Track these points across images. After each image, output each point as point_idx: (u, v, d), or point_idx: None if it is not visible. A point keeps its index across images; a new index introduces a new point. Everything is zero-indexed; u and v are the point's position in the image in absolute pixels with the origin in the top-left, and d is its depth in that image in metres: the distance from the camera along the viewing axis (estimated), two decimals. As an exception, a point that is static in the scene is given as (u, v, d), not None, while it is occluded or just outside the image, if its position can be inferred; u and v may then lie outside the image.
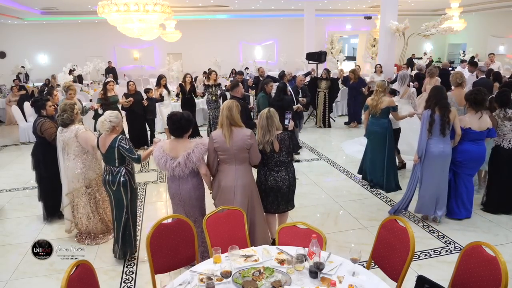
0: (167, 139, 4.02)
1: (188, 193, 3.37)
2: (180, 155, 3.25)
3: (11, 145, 9.06)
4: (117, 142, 3.57)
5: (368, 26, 19.68)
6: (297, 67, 16.08)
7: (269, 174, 3.58)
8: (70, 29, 17.62)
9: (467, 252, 2.40)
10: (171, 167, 3.27)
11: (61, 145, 4.19)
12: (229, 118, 3.29)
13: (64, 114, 4.09)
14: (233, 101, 3.43)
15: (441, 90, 4.22)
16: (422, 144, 4.22)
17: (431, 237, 4.16)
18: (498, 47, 17.92)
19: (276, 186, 3.58)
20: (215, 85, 8.30)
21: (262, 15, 18.18)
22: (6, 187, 6.12)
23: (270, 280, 2.22)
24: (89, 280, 2.30)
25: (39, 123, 4.51)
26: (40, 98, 4.91)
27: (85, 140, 4.04)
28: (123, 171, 3.68)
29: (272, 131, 3.43)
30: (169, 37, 15.29)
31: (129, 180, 3.71)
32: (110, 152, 3.61)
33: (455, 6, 13.62)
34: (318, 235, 2.58)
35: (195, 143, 3.29)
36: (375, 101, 5.27)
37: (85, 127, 4.17)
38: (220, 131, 3.35)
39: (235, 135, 3.29)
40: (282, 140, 3.48)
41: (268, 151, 3.48)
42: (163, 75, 8.17)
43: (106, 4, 7.50)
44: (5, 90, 12.92)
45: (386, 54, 10.03)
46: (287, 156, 3.57)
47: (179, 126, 3.29)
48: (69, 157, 4.14)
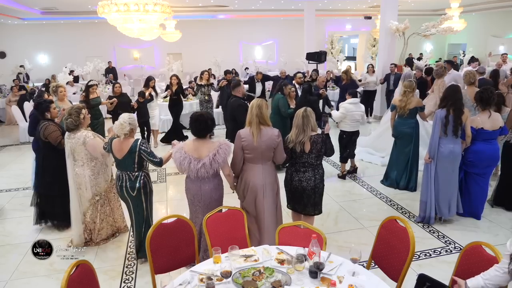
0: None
1: (210, 194, 3.33)
2: (204, 156, 3.19)
3: (11, 145, 9.06)
4: (137, 146, 3.44)
5: (368, 26, 19.68)
6: (297, 67, 16.07)
7: (295, 174, 3.54)
8: (70, 29, 17.61)
9: (467, 252, 2.40)
10: (195, 168, 3.19)
11: (69, 151, 4.01)
12: (259, 116, 3.27)
13: (68, 118, 3.90)
14: (262, 100, 3.42)
15: (456, 90, 4.18)
16: (434, 144, 4.17)
17: (431, 237, 4.16)
18: (498, 47, 17.92)
19: (301, 187, 3.52)
20: (207, 84, 8.30)
21: (262, 15, 18.18)
22: (6, 187, 6.12)
23: (270, 280, 2.22)
24: (89, 280, 2.30)
25: (43, 126, 4.30)
26: (43, 101, 4.68)
27: (94, 148, 3.90)
28: (142, 175, 3.57)
29: (307, 131, 3.38)
30: (169, 37, 15.28)
31: (148, 183, 3.63)
32: (128, 157, 3.47)
33: (455, 6, 13.61)
34: (318, 235, 2.58)
35: (218, 143, 3.24)
36: (403, 102, 5.23)
37: (93, 134, 4.00)
38: (248, 129, 3.32)
39: (263, 134, 3.29)
40: (315, 143, 3.42)
41: (298, 151, 3.43)
42: (153, 77, 8.05)
43: (106, 4, 7.50)
44: (5, 90, 12.92)
45: (386, 54, 10.03)
46: (316, 159, 3.49)
47: (205, 127, 3.23)
48: (77, 164, 4.00)
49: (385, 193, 5.40)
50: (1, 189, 6.04)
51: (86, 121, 4.04)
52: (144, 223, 3.69)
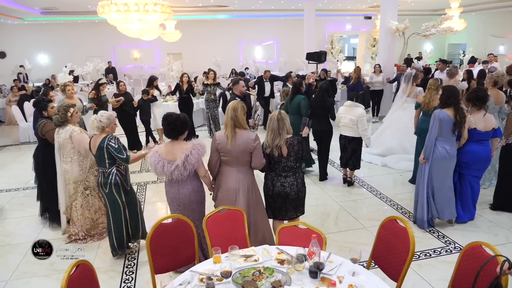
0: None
1: (188, 197, 3.29)
2: (177, 158, 3.15)
3: (11, 145, 9.06)
4: (105, 141, 3.52)
5: (368, 26, 19.67)
6: (297, 67, 16.08)
7: (276, 179, 3.46)
8: (70, 29, 17.61)
9: (467, 252, 2.39)
10: (169, 171, 3.16)
11: (57, 146, 4.14)
12: (233, 119, 3.20)
13: (55, 115, 4.08)
14: (239, 102, 3.34)
15: (457, 90, 4.19)
16: (431, 144, 4.11)
17: (431, 237, 4.16)
18: (498, 47, 17.92)
19: (284, 192, 3.45)
20: (213, 84, 8.35)
21: (262, 15, 18.17)
22: (6, 187, 6.12)
23: (270, 280, 2.22)
24: (89, 280, 2.30)
25: (40, 124, 4.45)
26: (42, 99, 4.88)
27: (79, 142, 3.99)
28: (114, 172, 3.64)
29: (283, 134, 3.31)
30: (169, 37, 15.29)
31: (121, 181, 3.68)
32: (100, 153, 3.59)
33: (455, 6, 13.61)
34: (318, 235, 2.58)
35: (192, 145, 3.19)
36: (427, 98, 5.26)
37: (80, 129, 4.10)
38: (223, 132, 3.28)
39: (238, 138, 3.21)
40: (291, 145, 3.36)
41: (276, 155, 3.36)
42: (156, 76, 8.11)
43: (106, 4, 7.51)
44: (5, 90, 12.92)
45: (386, 54, 10.03)
46: (295, 162, 3.43)
47: (174, 128, 3.19)
48: (65, 160, 4.09)
49: (385, 193, 5.40)
50: (1, 189, 6.04)
51: (74, 118, 4.13)
52: (122, 221, 3.76)
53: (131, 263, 3.83)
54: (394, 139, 6.87)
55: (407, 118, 6.59)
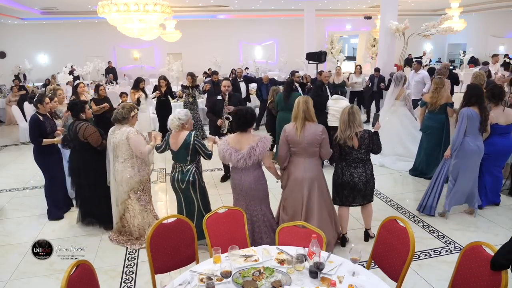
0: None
1: (249, 185, 3.47)
2: (244, 148, 3.38)
3: (11, 145, 9.06)
4: (192, 138, 3.63)
5: (368, 26, 19.69)
6: (297, 67, 16.08)
7: (346, 169, 3.71)
8: (70, 29, 17.62)
9: (467, 252, 2.39)
10: (235, 159, 3.39)
11: (112, 147, 4.03)
12: (305, 111, 3.44)
13: (120, 110, 3.99)
14: (308, 97, 3.57)
15: (481, 89, 4.40)
16: (459, 141, 4.30)
17: (431, 237, 4.16)
18: (498, 47, 17.92)
19: (352, 182, 3.70)
20: (192, 86, 8.20)
21: (262, 15, 18.18)
22: (6, 187, 6.12)
23: (270, 280, 2.22)
24: (89, 280, 2.30)
25: (82, 127, 4.23)
26: (78, 101, 4.67)
27: (135, 144, 3.91)
28: (193, 169, 3.72)
29: (353, 127, 3.54)
30: (169, 37, 15.29)
31: (198, 180, 3.76)
32: (182, 150, 3.65)
33: (455, 6, 13.63)
34: (318, 235, 2.58)
35: (258, 137, 3.41)
36: (434, 98, 5.43)
37: (136, 130, 4.01)
38: (293, 124, 3.50)
39: (307, 129, 3.46)
40: (362, 138, 3.59)
41: (350, 146, 3.59)
42: (143, 78, 7.66)
43: (106, 4, 7.51)
44: (5, 90, 12.92)
45: (386, 54, 10.03)
46: (366, 154, 3.68)
47: (245, 121, 3.42)
48: (118, 160, 4.00)
49: (385, 193, 5.40)
50: (1, 189, 6.04)
51: (134, 120, 4.09)
52: (196, 213, 3.83)
53: (131, 263, 3.83)
54: (387, 146, 6.75)
55: (397, 123, 6.52)
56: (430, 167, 5.73)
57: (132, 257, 3.92)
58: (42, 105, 4.62)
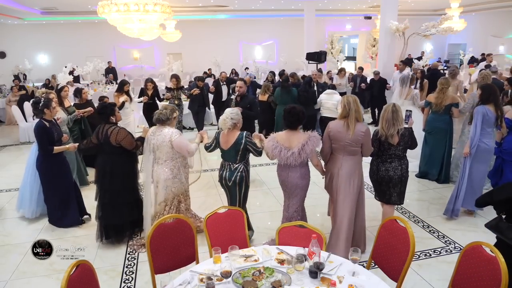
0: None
1: (295, 182, 3.58)
2: (294, 146, 3.44)
3: (11, 145, 9.06)
4: (244, 137, 3.67)
5: (368, 26, 19.68)
6: (297, 67, 16.09)
7: (381, 165, 3.77)
8: (70, 29, 17.62)
9: (467, 252, 2.39)
10: (285, 156, 3.46)
11: (151, 148, 3.93)
12: (357, 112, 3.49)
13: (163, 110, 3.91)
14: (356, 97, 3.62)
15: (496, 88, 4.44)
16: (476, 138, 4.35)
17: (431, 237, 4.17)
18: (498, 47, 17.92)
19: (388, 176, 3.74)
20: (177, 88, 8.01)
21: (262, 15, 18.18)
22: (6, 187, 6.12)
23: (270, 280, 2.22)
24: (89, 280, 2.30)
25: (113, 131, 3.99)
26: (108, 104, 4.32)
27: (180, 145, 3.83)
28: (242, 168, 3.75)
29: (396, 124, 3.60)
30: (169, 37, 15.29)
31: (246, 178, 3.80)
32: (233, 148, 3.69)
33: (455, 6, 13.63)
34: (318, 235, 2.58)
35: (308, 135, 3.46)
36: (440, 98, 5.44)
37: (178, 131, 3.92)
38: (340, 122, 3.53)
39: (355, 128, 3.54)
40: (403, 136, 3.67)
41: (388, 143, 3.66)
42: (127, 81, 7.40)
43: (106, 4, 7.51)
44: (5, 90, 12.92)
45: (386, 54, 10.03)
46: (403, 151, 3.75)
47: (298, 119, 3.50)
48: (158, 162, 3.94)
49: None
50: (1, 189, 6.04)
51: (174, 121, 4.03)
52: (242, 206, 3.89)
53: (131, 263, 3.83)
54: None
55: None
56: (433, 168, 5.75)
57: (132, 257, 3.92)
58: (49, 110, 4.38)
